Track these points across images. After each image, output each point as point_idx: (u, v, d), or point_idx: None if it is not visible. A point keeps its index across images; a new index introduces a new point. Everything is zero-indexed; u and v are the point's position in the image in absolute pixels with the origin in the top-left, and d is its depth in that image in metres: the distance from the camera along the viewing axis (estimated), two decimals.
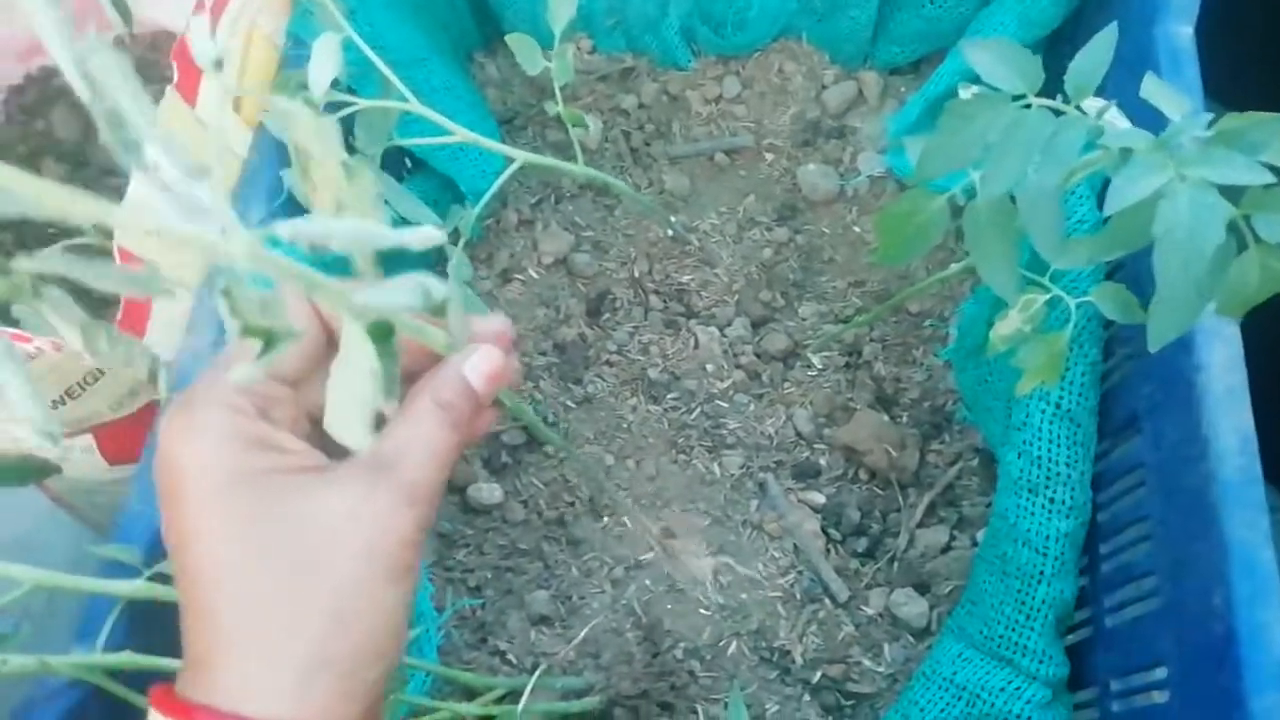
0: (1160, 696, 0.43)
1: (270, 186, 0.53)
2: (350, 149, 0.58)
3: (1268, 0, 0.81)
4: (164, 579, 0.44)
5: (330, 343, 0.32)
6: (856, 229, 0.70)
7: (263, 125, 0.53)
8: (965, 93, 0.43)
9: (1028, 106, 0.37)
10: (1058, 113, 0.37)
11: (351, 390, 0.27)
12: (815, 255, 0.71)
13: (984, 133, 0.38)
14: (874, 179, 0.71)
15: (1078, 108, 0.38)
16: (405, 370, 0.29)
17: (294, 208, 0.55)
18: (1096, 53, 0.38)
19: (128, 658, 0.41)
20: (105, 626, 0.42)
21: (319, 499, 0.28)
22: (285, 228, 0.24)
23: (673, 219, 0.71)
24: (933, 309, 0.67)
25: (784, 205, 0.72)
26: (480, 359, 0.31)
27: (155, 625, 0.43)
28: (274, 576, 0.28)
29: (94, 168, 0.73)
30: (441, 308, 0.27)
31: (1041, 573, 0.50)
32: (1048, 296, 0.47)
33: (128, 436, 0.61)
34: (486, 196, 0.57)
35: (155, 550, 0.44)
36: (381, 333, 0.27)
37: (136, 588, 0.42)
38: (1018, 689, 0.49)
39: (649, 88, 0.76)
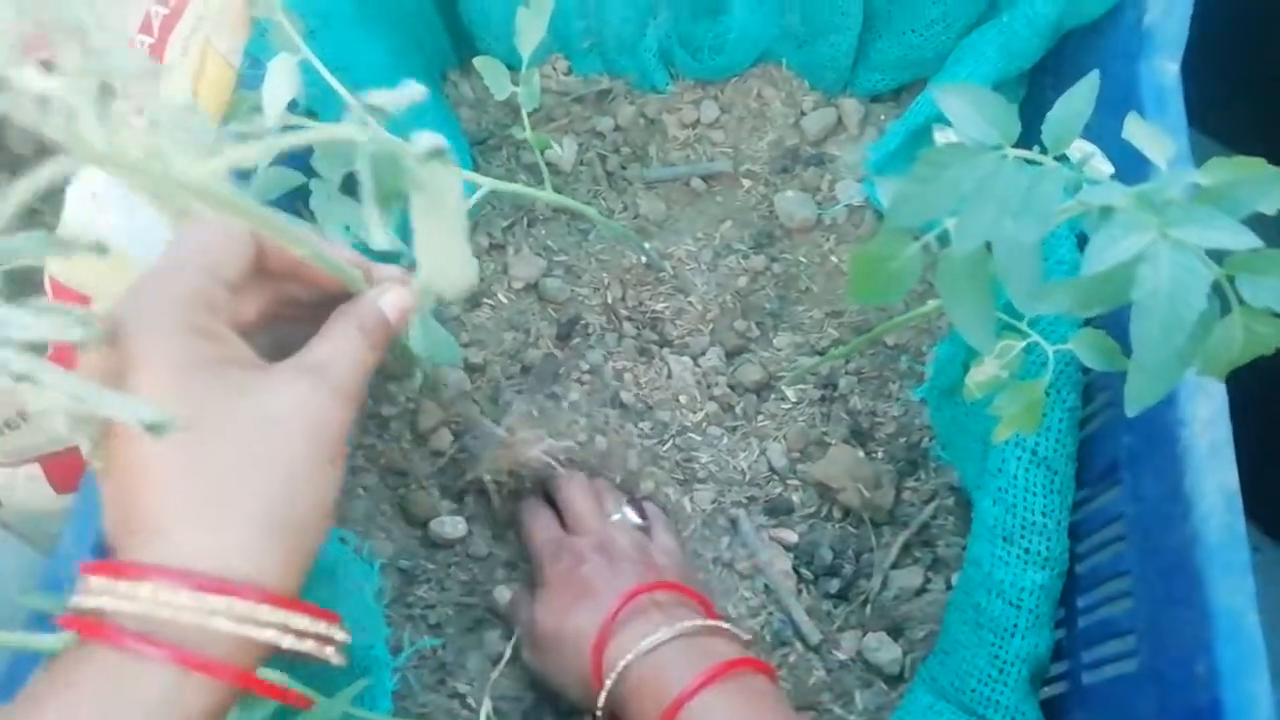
0: None
1: None
2: (309, 173, 0.56)
3: (1252, 28, 0.80)
4: None
5: (261, 269, 0.38)
6: (834, 258, 0.69)
7: None
8: (940, 137, 0.42)
9: (1004, 157, 0.35)
10: (1035, 161, 0.36)
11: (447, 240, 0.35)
12: (792, 284, 0.69)
13: (958, 183, 0.36)
14: (852, 208, 0.69)
15: (1057, 157, 0.36)
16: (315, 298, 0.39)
17: None
18: (1076, 101, 0.36)
19: None
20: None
21: (268, 389, 0.34)
22: None
23: (647, 245, 0.69)
24: (910, 343, 0.66)
25: (761, 233, 0.70)
26: (395, 296, 0.40)
27: None
28: (230, 452, 0.32)
29: (52, 185, 0.71)
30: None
31: (1015, 625, 0.48)
32: (1025, 343, 0.46)
33: (77, 465, 0.58)
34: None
35: None
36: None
37: (66, 641, 0.40)
38: None
39: (625, 110, 0.74)
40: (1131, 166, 0.42)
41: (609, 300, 0.69)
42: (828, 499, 0.62)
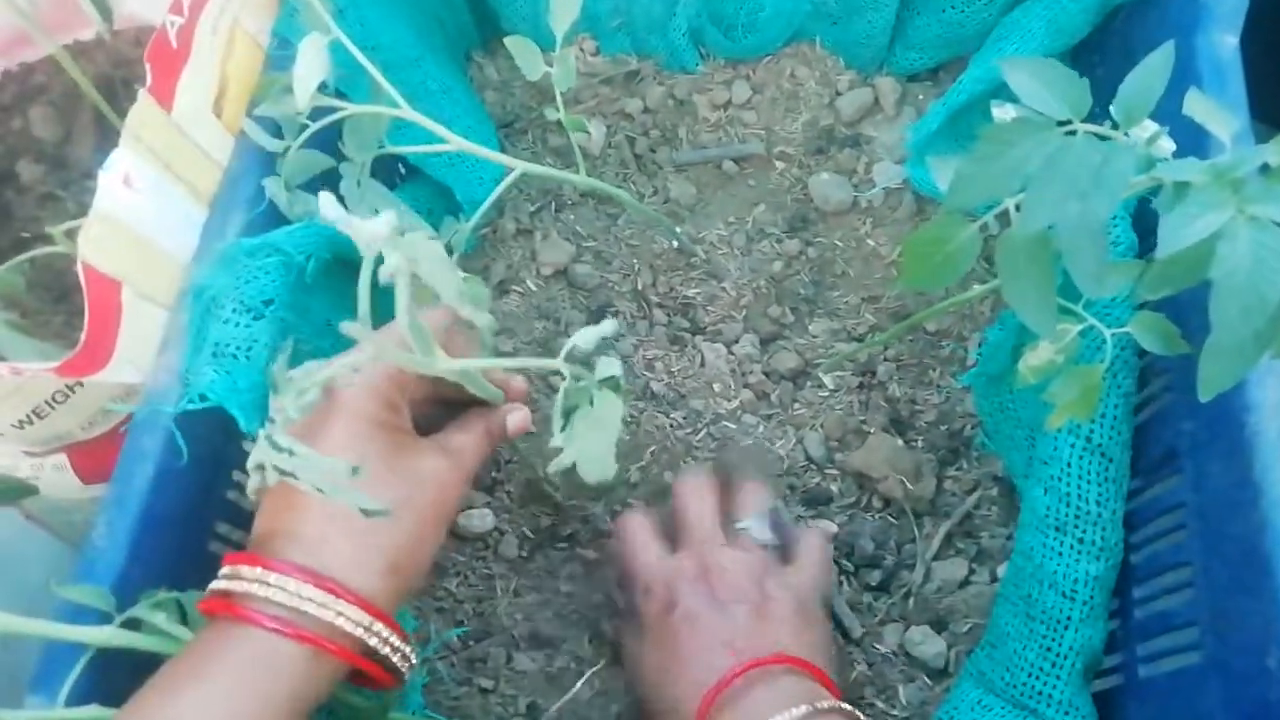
0: None
1: (251, 195, 0.49)
2: (338, 156, 0.55)
3: None
4: (134, 624, 0.41)
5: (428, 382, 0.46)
6: (870, 242, 0.67)
7: (244, 131, 0.50)
8: (1001, 113, 0.40)
9: (1072, 133, 0.34)
10: (1105, 137, 0.34)
11: (599, 439, 0.40)
12: (827, 269, 0.68)
13: (1024, 161, 0.34)
14: (890, 191, 0.67)
15: (1126, 133, 0.35)
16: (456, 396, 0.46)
17: (274, 216, 0.52)
18: (1150, 75, 0.35)
19: (95, 712, 0.38)
20: (69, 676, 0.39)
21: (418, 455, 0.43)
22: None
23: (678, 230, 0.68)
24: (951, 329, 0.64)
25: (795, 216, 0.69)
26: (518, 417, 0.49)
27: (122, 672, 0.40)
28: (382, 492, 0.39)
29: (74, 170, 0.70)
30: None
31: (1069, 618, 0.47)
32: (1081, 327, 0.44)
33: (103, 455, 0.58)
34: (483, 207, 0.54)
35: (124, 590, 0.41)
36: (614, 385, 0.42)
37: (107, 635, 0.39)
38: None
39: (655, 91, 0.72)
40: (1189, 145, 0.41)
41: (639, 286, 0.68)
42: (867, 489, 0.60)
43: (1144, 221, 0.49)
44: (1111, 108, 0.36)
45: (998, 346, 0.52)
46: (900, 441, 0.61)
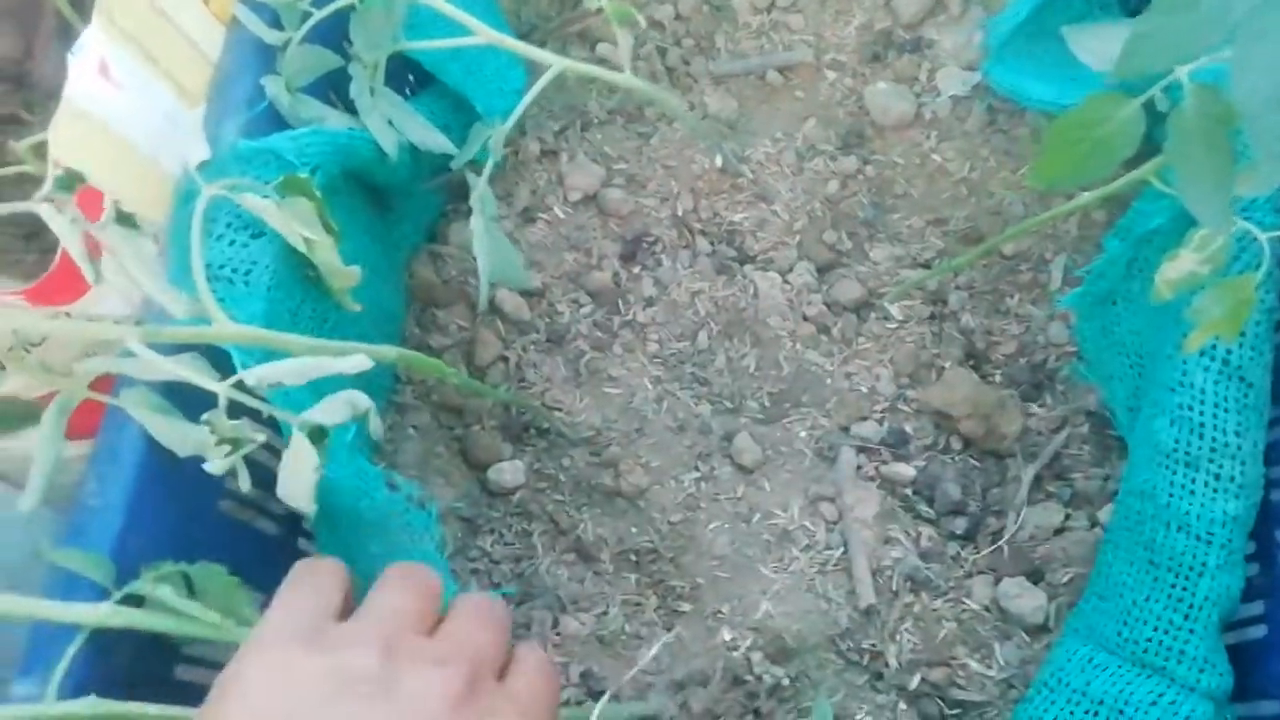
0: None
1: (248, 95, 0.42)
2: (345, 56, 0.47)
3: None
4: (135, 601, 0.34)
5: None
6: (936, 157, 0.61)
7: (238, 22, 0.43)
8: None
9: None
10: None
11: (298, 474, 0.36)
12: (887, 189, 0.61)
13: (1225, 10, 0.28)
14: (957, 99, 0.61)
15: None
16: None
17: (274, 119, 0.44)
18: None
19: (92, 705, 0.32)
20: (62, 658, 0.32)
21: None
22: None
23: (723, 145, 0.61)
24: (1030, 251, 0.58)
25: (849, 131, 0.62)
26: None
27: (124, 652, 0.34)
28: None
29: (36, 89, 0.62)
30: (364, 417, 0.38)
31: (1204, 564, 0.41)
32: (1230, 232, 0.38)
33: (85, 407, 0.51)
34: (517, 112, 0.47)
35: (122, 559, 0.35)
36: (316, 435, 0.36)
37: (104, 614, 0.33)
38: (1172, 703, 0.41)
39: None
40: None
41: (679, 212, 0.61)
42: (945, 429, 0.54)
43: None
44: None
45: (1112, 261, 0.46)
46: (977, 377, 0.55)
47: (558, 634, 0.51)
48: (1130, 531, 0.45)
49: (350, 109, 0.47)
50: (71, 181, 0.33)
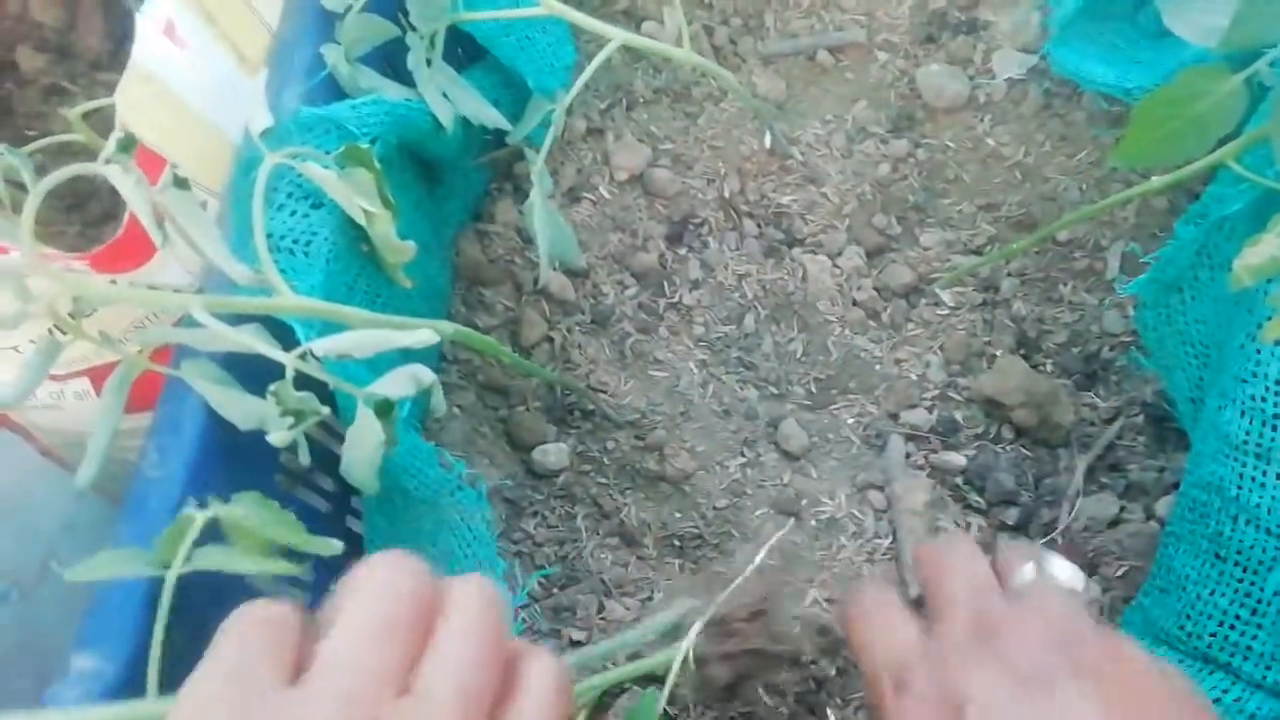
0: None
1: (308, 64, 0.41)
2: (402, 28, 0.47)
3: None
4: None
5: None
6: (990, 142, 0.59)
7: None
8: None
9: None
10: None
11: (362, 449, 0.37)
12: (938, 173, 0.60)
13: None
14: (1013, 82, 0.59)
15: None
16: None
17: (333, 89, 0.43)
18: None
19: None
20: (124, 629, 0.32)
21: None
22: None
23: (774, 125, 0.60)
24: (1085, 238, 0.57)
25: (901, 114, 0.61)
26: None
27: (187, 622, 0.33)
28: None
29: (80, 60, 0.61)
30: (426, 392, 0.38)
31: (1275, 558, 0.40)
32: None
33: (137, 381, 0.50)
34: (577, 86, 0.46)
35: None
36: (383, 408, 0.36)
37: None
38: (1237, 700, 0.40)
39: None
40: None
41: (726, 193, 0.60)
42: (996, 418, 0.54)
43: None
44: None
45: (1182, 248, 0.45)
46: (1029, 365, 0.54)
47: (603, 619, 0.51)
48: (1194, 525, 0.44)
49: (405, 80, 0.47)
50: (130, 143, 0.32)
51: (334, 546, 0.31)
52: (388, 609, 0.25)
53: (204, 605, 0.31)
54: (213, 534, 0.31)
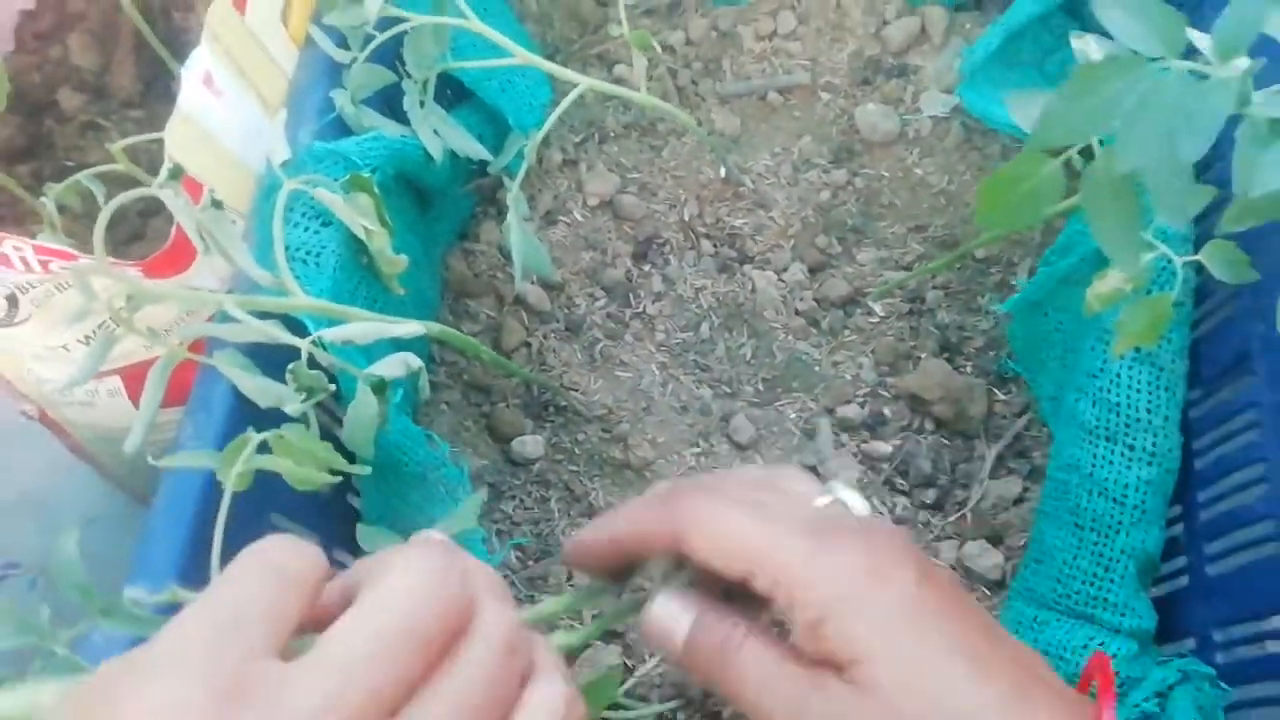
0: (1276, 646, 0.41)
1: (319, 105, 0.49)
2: (399, 74, 0.55)
3: None
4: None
5: None
6: (918, 171, 0.67)
7: (312, 42, 0.50)
8: (1079, 45, 0.40)
9: (1167, 70, 0.33)
10: (1202, 74, 0.34)
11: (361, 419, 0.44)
12: (874, 199, 0.68)
13: (1118, 99, 0.34)
14: (937, 120, 0.68)
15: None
16: None
17: (340, 127, 0.51)
18: (1252, 5, 0.34)
19: None
20: (173, 560, 0.39)
21: None
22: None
23: (727, 158, 0.68)
24: (999, 255, 0.65)
25: (841, 147, 0.69)
26: None
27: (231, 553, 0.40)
28: None
29: (114, 100, 0.69)
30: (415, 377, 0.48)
31: (1120, 522, 0.48)
32: (1153, 255, 0.44)
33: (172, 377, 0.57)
34: (547, 125, 0.54)
35: (211, 489, 0.41)
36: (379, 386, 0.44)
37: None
38: (1101, 644, 0.48)
39: (698, 23, 0.72)
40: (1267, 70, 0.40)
41: (686, 217, 0.68)
42: (919, 412, 0.61)
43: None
44: (1207, 41, 0.35)
45: (1050, 276, 0.53)
46: (950, 367, 0.62)
47: (573, 585, 0.58)
48: (1059, 501, 0.51)
49: (402, 119, 0.54)
50: (179, 171, 0.40)
51: (363, 469, 0.38)
52: (408, 619, 0.23)
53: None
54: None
